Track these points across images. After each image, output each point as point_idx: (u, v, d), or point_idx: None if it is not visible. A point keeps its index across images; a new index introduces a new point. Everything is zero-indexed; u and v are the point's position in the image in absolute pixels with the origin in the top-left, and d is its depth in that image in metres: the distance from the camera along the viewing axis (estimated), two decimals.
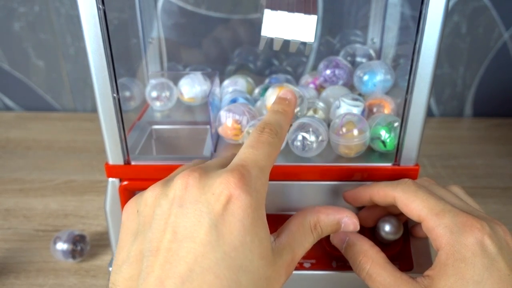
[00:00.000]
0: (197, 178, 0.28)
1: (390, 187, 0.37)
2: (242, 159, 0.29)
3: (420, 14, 0.36)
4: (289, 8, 0.39)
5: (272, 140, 0.32)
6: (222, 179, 0.27)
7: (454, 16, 0.81)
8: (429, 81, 0.38)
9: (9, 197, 0.65)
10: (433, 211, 0.33)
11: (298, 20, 0.38)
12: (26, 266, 0.52)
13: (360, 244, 0.36)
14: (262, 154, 0.30)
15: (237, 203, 0.27)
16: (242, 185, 0.27)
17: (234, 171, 0.28)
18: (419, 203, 0.34)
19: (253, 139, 0.31)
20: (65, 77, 0.89)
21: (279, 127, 0.33)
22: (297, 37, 0.39)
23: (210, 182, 0.28)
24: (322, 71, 0.53)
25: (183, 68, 0.73)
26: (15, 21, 0.83)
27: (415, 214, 0.34)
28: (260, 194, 0.28)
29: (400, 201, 0.35)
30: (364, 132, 0.42)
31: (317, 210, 0.33)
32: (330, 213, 0.33)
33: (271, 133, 0.32)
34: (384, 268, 0.34)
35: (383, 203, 0.38)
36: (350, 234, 0.37)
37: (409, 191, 0.35)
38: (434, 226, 0.33)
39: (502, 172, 0.71)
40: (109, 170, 0.42)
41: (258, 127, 0.33)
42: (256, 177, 0.28)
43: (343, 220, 0.33)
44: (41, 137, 0.82)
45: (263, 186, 0.29)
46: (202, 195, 0.27)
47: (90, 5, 0.35)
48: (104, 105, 0.39)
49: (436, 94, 0.89)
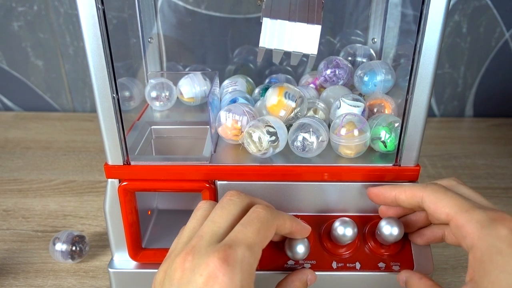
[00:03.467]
0: (191, 262, 0.31)
1: (418, 187, 0.37)
2: (231, 238, 0.32)
3: (421, 14, 0.36)
4: (291, 17, 0.36)
5: (265, 217, 0.34)
6: (208, 260, 0.30)
7: (455, 16, 0.81)
8: (429, 81, 0.38)
9: (8, 197, 0.64)
10: (463, 208, 0.33)
11: (300, 30, 0.36)
12: (24, 267, 0.52)
13: (415, 279, 0.38)
14: (251, 231, 0.33)
15: (221, 283, 0.29)
16: (226, 266, 0.30)
17: (220, 252, 0.30)
18: (448, 202, 0.34)
19: (246, 216, 0.34)
20: (64, 77, 0.88)
21: (279, 212, 0.37)
22: (299, 48, 0.36)
23: (199, 262, 0.31)
24: (323, 71, 0.53)
25: (183, 68, 0.73)
26: (14, 21, 0.83)
27: (443, 212, 0.34)
28: (246, 274, 0.31)
29: (428, 200, 0.36)
30: (365, 133, 0.42)
31: (291, 280, 0.38)
32: (296, 278, 0.39)
33: (265, 210, 0.35)
34: None
35: (407, 204, 0.38)
36: (407, 273, 0.39)
37: (439, 191, 0.36)
38: (464, 223, 0.33)
39: (503, 172, 0.71)
40: (109, 170, 0.42)
41: (255, 205, 0.36)
42: (242, 256, 0.31)
43: (308, 278, 0.39)
44: (40, 137, 0.82)
45: (249, 266, 0.31)
46: (192, 277, 0.30)
47: (90, 5, 0.35)
48: (104, 105, 0.39)
49: (437, 94, 0.89)
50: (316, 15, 0.36)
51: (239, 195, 0.37)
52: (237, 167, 0.42)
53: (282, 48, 0.36)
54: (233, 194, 0.37)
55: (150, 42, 0.60)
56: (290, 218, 0.38)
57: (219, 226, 0.34)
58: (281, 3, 0.37)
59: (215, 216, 0.35)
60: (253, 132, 0.41)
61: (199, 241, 0.33)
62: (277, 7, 0.36)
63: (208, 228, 0.34)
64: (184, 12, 0.75)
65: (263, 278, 0.40)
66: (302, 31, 0.36)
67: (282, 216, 0.37)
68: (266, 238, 0.34)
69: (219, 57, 0.77)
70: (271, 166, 0.42)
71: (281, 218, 0.37)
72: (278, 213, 0.36)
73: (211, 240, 0.33)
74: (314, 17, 0.36)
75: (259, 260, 0.32)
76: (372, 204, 0.43)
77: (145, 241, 0.48)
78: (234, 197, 0.36)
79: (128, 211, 0.43)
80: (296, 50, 0.36)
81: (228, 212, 0.35)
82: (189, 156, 0.43)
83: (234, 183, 0.42)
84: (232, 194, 0.37)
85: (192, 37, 0.75)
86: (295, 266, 0.41)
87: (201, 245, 0.32)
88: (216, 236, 0.33)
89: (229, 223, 0.34)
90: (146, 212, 0.51)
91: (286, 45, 0.36)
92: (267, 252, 0.42)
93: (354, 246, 0.42)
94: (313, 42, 0.36)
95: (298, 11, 0.36)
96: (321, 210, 0.44)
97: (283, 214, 0.37)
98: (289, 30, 0.36)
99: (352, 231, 0.40)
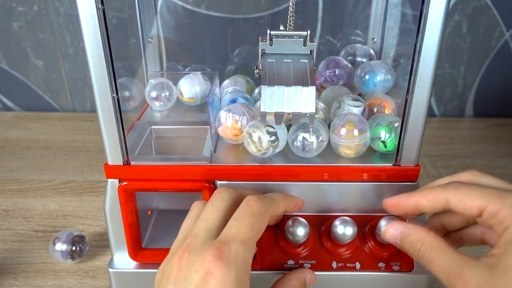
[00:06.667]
0: (186, 259, 0.32)
1: (439, 189, 0.35)
2: (224, 234, 0.33)
3: (420, 14, 0.36)
4: (286, 82, 0.39)
5: (257, 210, 0.34)
6: (203, 257, 0.31)
7: (455, 16, 0.81)
8: (429, 81, 0.38)
9: (8, 197, 0.64)
10: (494, 196, 0.32)
11: (297, 93, 0.38)
12: (24, 267, 0.52)
13: (416, 233, 0.35)
14: (245, 226, 0.33)
15: (216, 279, 0.30)
16: (221, 262, 0.30)
17: (214, 249, 0.31)
18: (476, 194, 0.33)
19: (239, 210, 0.35)
20: (64, 77, 0.88)
21: (271, 199, 0.37)
22: (298, 109, 0.38)
23: (195, 259, 0.31)
24: (323, 71, 0.53)
25: (183, 68, 0.73)
26: (14, 21, 0.83)
27: (474, 206, 0.33)
28: (241, 269, 0.31)
29: (454, 199, 0.34)
30: (365, 133, 0.42)
31: (289, 278, 0.39)
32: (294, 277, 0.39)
33: (257, 202, 0.35)
34: (444, 251, 0.33)
35: (430, 209, 0.36)
36: (402, 226, 0.36)
37: (462, 187, 0.34)
38: (499, 208, 0.31)
39: (503, 172, 0.70)
40: (109, 170, 0.42)
41: (247, 197, 0.36)
42: (236, 252, 0.31)
43: (307, 278, 0.39)
44: (40, 137, 0.82)
45: (244, 261, 0.32)
46: (188, 273, 0.31)
47: (90, 5, 0.35)
48: (104, 105, 0.39)
49: (437, 94, 0.89)
50: (309, 79, 0.39)
51: (227, 190, 0.37)
52: (237, 167, 0.42)
53: (282, 110, 0.39)
54: (221, 190, 0.37)
55: (150, 42, 0.60)
56: (282, 200, 0.38)
57: (211, 223, 0.34)
58: (277, 71, 0.40)
59: (207, 214, 0.35)
60: (253, 132, 0.41)
61: (194, 239, 0.33)
62: (273, 75, 0.40)
63: (201, 226, 0.34)
64: (184, 12, 0.75)
65: (263, 278, 0.40)
66: (298, 94, 0.38)
67: (274, 203, 0.37)
68: (260, 231, 0.34)
69: (219, 57, 0.78)
70: (271, 166, 0.42)
71: (274, 205, 0.37)
72: (270, 201, 0.37)
73: (206, 237, 0.33)
74: (308, 81, 0.39)
75: (259, 260, 0.32)
76: (372, 204, 0.43)
77: (145, 241, 0.48)
78: (223, 193, 0.37)
79: (128, 211, 0.43)
80: (295, 111, 0.39)
81: (218, 208, 0.35)
82: (189, 156, 0.43)
83: (234, 183, 0.42)
84: (220, 191, 0.37)
85: (192, 37, 0.75)
86: (295, 266, 0.41)
87: (196, 242, 0.33)
88: (210, 233, 0.33)
89: (221, 218, 0.35)
90: (146, 212, 0.51)
91: (285, 108, 0.39)
92: (267, 252, 0.42)
93: (354, 246, 0.42)
94: (310, 102, 0.39)
95: (292, 77, 0.39)
96: (321, 210, 0.44)
97: (275, 200, 0.37)
98: (286, 94, 0.38)
99: (352, 230, 0.40)
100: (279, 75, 0.40)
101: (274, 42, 0.42)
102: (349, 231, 0.40)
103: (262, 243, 0.41)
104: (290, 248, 0.42)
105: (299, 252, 0.42)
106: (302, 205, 0.41)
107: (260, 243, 0.35)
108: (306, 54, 0.42)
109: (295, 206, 0.41)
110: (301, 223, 0.40)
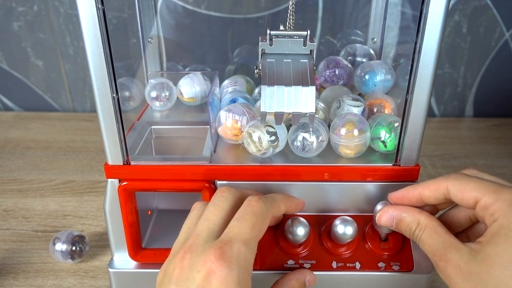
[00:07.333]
0: (188, 259, 0.32)
1: (441, 179, 0.36)
2: (227, 235, 0.33)
3: (420, 14, 0.36)
4: (286, 82, 0.39)
5: (259, 210, 0.34)
6: (205, 257, 0.31)
7: (455, 16, 0.81)
8: (429, 81, 0.38)
9: (8, 197, 0.64)
10: (490, 189, 0.33)
11: (297, 93, 0.38)
12: (24, 267, 0.52)
13: (411, 215, 0.37)
14: (246, 226, 0.33)
15: (218, 279, 0.30)
16: (223, 262, 0.30)
17: (216, 249, 0.31)
18: (474, 185, 0.34)
19: (240, 210, 0.35)
20: (64, 77, 0.88)
21: (272, 199, 0.37)
22: (298, 109, 0.38)
23: (197, 259, 0.31)
24: (323, 71, 0.53)
25: (183, 68, 0.73)
26: (14, 21, 0.83)
27: (471, 197, 0.34)
28: (243, 268, 0.31)
29: (454, 189, 0.35)
30: (365, 133, 0.42)
31: (288, 279, 0.39)
32: (294, 278, 0.39)
33: (259, 203, 0.35)
34: (436, 232, 0.35)
35: (433, 199, 0.37)
36: (395, 210, 0.37)
37: (463, 178, 0.35)
38: (492, 201, 0.32)
39: (503, 172, 0.70)
40: (109, 170, 0.42)
41: (248, 197, 0.36)
42: (238, 252, 0.31)
43: (307, 279, 0.40)
44: (40, 137, 0.82)
45: (246, 261, 0.32)
46: (190, 274, 0.31)
47: (90, 5, 0.35)
48: (104, 105, 0.39)
49: (437, 94, 0.89)
50: (309, 79, 0.39)
51: (230, 190, 0.37)
52: (237, 167, 0.42)
53: (282, 110, 0.39)
54: (223, 190, 0.37)
55: (150, 42, 0.60)
56: (283, 201, 0.39)
57: (213, 223, 0.34)
58: (277, 71, 0.40)
59: (209, 214, 0.35)
60: (253, 132, 0.41)
61: (196, 239, 0.33)
62: (273, 75, 0.39)
63: (203, 226, 0.34)
64: (184, 12, 0.75)
65: (263, 278, 0.40)
66: (299, 93, 0.38)
67: (276, 204, 0.37)
68: (262, 231, 0.34)
69: (219, 57, 0.78)
70: (271, 166, 0.42)
71: (275, 206, 0.37)
72: (271, 202, 0.37)
73: (208, 237, 0.33)
74: (308, 81, 0.39)
75: (259, 260, 0.32)
76: (372, 204, 0.43)
77: (145, 241, 0.48)
78: (225, 193, 0.37)
79: (128, 211, 0.43)
80: (295, 111, 0.38)
81: (221, 208, 0.35)
82: (189, 156, 0.43)
83: (234, 183, 0.42)
84: (223, 191, 0.37)
85: (192, 37, 0.75)
86: (295, 266, 0.41)
87: (198, 243, 0.33)
88: (212, 233, 0.33)
89: (223, 219, 0.35)
90: (146, 212, 0.51)
91: (285, 108, 0.39)
92: (267, 252, 0.42)
93: (354, 246, 0.42)
94: (310, 102, 0.38)
95: (292, 77, 0.39)
96: (321, 210, 0.44)
97: (276, 200, 0.38)
98: (286, 94, 0.38)
99: (353, 229, 0.40)
100: (279, 75, 0.40)
101: (274, 42, 0.42)
102: (349, 230, 0.40)
103: (262, 243, 0.41)
104: (290, 248, 0.42)
105: (299, 252, 0.42)
106: (302, 206, 0.42)
107: (260, 243, 0.34)
108: (306, 54, 0.42)
109: (296, 207, 0.41)
110: (301, 223, 0.40)
